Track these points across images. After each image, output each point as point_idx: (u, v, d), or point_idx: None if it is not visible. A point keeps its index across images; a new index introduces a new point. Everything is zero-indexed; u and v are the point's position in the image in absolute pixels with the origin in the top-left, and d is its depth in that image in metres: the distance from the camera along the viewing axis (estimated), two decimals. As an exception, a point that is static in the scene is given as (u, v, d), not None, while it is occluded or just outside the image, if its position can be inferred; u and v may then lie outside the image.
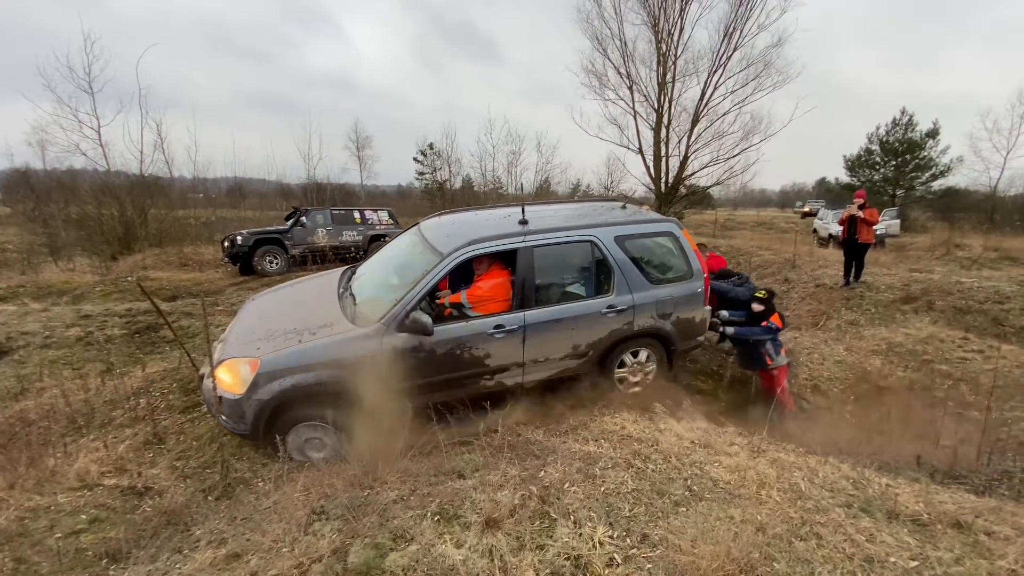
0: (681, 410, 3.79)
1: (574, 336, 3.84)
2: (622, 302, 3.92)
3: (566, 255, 3.95)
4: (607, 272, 3.94)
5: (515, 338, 3.65)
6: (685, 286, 4.17)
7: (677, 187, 16.96)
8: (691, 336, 4.32)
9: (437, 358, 3.46)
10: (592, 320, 3.85)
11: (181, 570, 2.20)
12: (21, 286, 10.13)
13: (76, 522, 2.80)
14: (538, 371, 3.84)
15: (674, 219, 4.40)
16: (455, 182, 32.52)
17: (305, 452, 3.37)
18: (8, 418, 4.11)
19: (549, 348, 3.80)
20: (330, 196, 27.67)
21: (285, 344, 3.30)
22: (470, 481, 2.52)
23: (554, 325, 3.75)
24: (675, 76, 16.23)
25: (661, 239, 4.22)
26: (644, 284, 4.02)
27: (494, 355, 3.62)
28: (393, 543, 2.06)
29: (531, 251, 3.73)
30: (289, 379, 3.16)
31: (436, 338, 3.41)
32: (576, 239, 3.91)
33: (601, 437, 3.11)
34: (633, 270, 3.99)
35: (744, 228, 24.58)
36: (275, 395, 3.15)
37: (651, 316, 4.04)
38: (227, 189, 30.46)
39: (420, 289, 3.44)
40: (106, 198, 14.78)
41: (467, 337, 3.54)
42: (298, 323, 3.55)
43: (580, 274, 4.01)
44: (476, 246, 3.65)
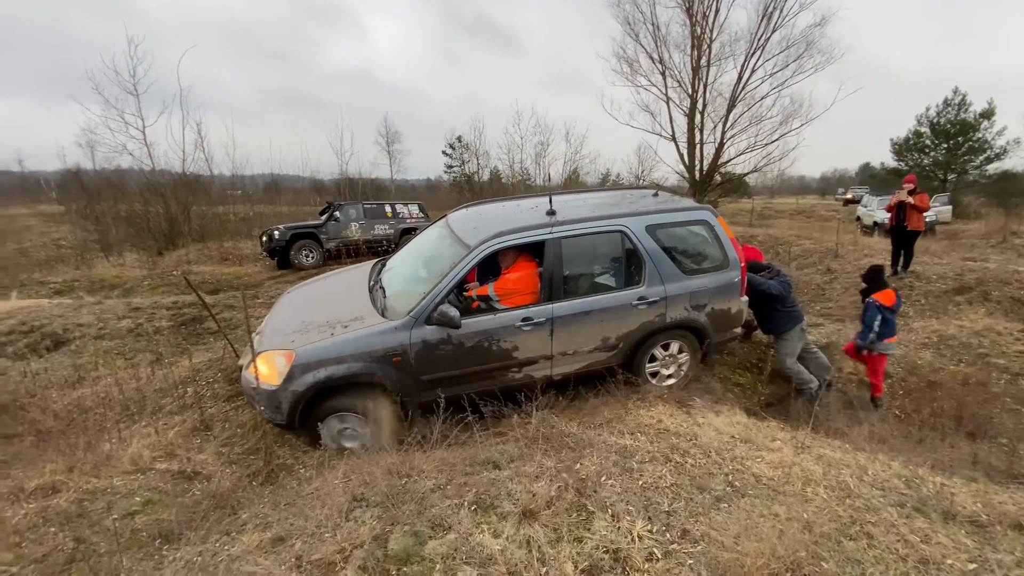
0: (719, 404, 3.69)
1: (604, 328, 3.77)
2: (654, 293, 3.82)
3: (595, 246, 3.88)
4: (638, 263, 3.85)
5: (543, 331, 3.62)
6: (721, 276, 4.03)
7: (712, 175, 16.50)
8: (727, 328, 4.19)
9: (465, 350, 3.48)
10: (622, 312, 3.77)
11: (230, 552, 2.28)
12: (76, 280, 10.72)
13: (131, 504, 2.94)
14: (567, 364, 3.79)
15: (709, 207, 4.25)
16: (483, 174, 32.58)
17: (339, 441, 3.45)
18: (67, 405, 4.36)
19: (578, 341, 3.74)
20: (361, 191, 28.17)
21: (319, 337, 3.38)
22: (506, 472, 2.52)
23: (583, 317, 3.69)
24: (710, 60, 15.73)
25: (695, 228, 4.08)
26: (677, 275, 3.90)
27: (522, 348, 3.62)
28: (432, 531, 2.08)
29: (559, 242, 3.67)
30: (323, 371, 3.24)
31: (464, 331, 3.42)
32: (605, 229, 3.82)
33: (637, 430, 3.06)
34: (665, 260, 3.87)
35: (782, 217, 23.72)
36: (309, 386, 3.23)
37: (684, 308, 3.92)
38: (263, 185, 31.39)
39: (448, 282, 3.46)
40: (152, 196, 15.47)
41: (495, 330, 3.54)
42: (331, 316, 3.62)
43: (610, 265, 3.93)
44: (503, 238, 3.62)
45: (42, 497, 2.93)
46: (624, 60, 16.67)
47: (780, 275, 4.51)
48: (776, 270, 4.59)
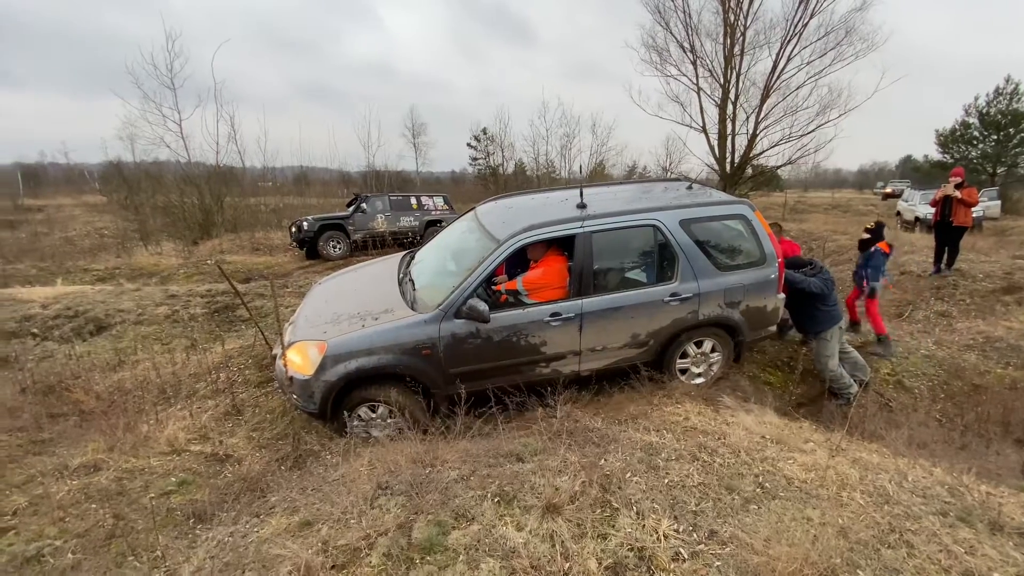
0: (749, 403, 3.60)
1: (634, 325, 3.71)
2: (687, 290, 3.73)
3: (627, 240, 3.80)
4: (671, 258, 3.75)
5: (572, 326, 3.58)
6: (757, 272, 3.90)
7: (744, 167, 16.00)
8: (761, 326, 4.06)
9: (493, 344, 3.48)
10: (654, 308, 3.70)
11: (259, 533, 2.34)
12: (117, 268, 11.17)
13: (166, 484, 3.05)
14: (596, 360, 3.75)
15: (747, 200, 4.12)
16: (508, 167, 32.50)
17: (368, 431, 3.51)
18: (108, 387, 4.55)
19: (607, 337, 3.69)
20: (388, 183, 28.48)
21: (350, 328, 3.43)
22: (529, 465, 2.51)
23: (613, 313, 3.64)
24: (743, 48, 15.19)
25: (731, 222, 3.96)
26: (711, 271, 3.80)
27: (550, 343, 3.59)
28: (455, 522, 2.09)
29: (589, 237, 3.61)
30: (354, 362, 3.29)
31: (492, 325, 3.41)
32: (638, 223, 3.74)
33: (663, 427, 3.00)
34: (699, 256, 3.77)
35: (816, 211, 22.92)
36: (340, 377, 3.29)
37: (718, 305, 3.82)
38: (293, 177, 32.03)
39: (477, 276, 3.45)
40: (187, 187, 15.96)
41: (523, 324, 3.52)
42: (362, 308, 3.67)
43: (642, 260, 3.84)
44: (532, 232, 3.58)
45: (84, 474, 3.07)
46: (654, 49, 16.27)
47: (822, 272, 4.32)
48: (819, 266, 4.40)
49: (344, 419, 3.38)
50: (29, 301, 6.80)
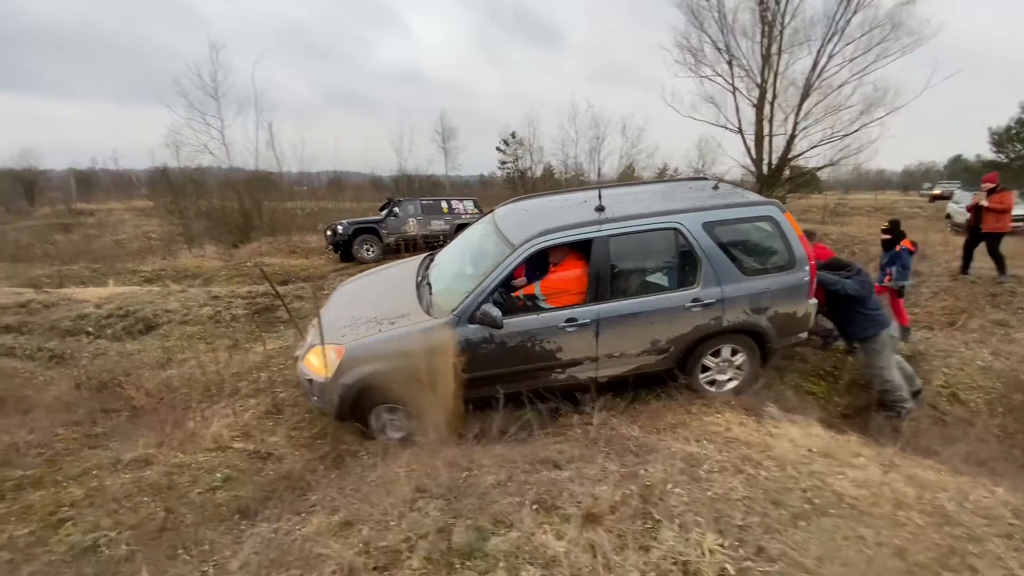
0: (792, 413, 3.47)
1: (653, 331, 3.59)
2: (709, 295, 3.58)
3: (646, 244, 3.69)
4: (693, 262, 3.61)
5: (588, 332, 3.51)
6: (786, 277, 3.71)
7: (782, 169, 15.53)
8: (791, 333, 3.88)
9: (508, 350, 3.45)
10: (674, 314, 3.58)
11: (302, 531, 2.39)
12: (163, 269, 11.68)
13: (212, 479, 3.15)
14: (613, 366, 3.67)
15: (775, 201, 3.93)
16: (536, 170, 32.48)
17: (385, 432, 3.56)
18: (157, 384, 4.74)
19: (625, 343, 3.60)
20: (418, 187, 28.88)
21: (367, 332, 3.49)
22: (566, 472, 2.49)
23: (631, 319, 3.54)
24: (782, 47, 14.76)
25: (759, 224, 3.77)
26: (736, 275, 3.63)
27: (566, 349, 3.53)
28: (494, 528, 2.08)
29: (607, 241, 3.52)
30: (369, 366, 3.35)
31: (507, 330, 3.39)
32: (658, 227, 3.61)
33: (703, 437, 2.93)
34: (723, 260, 3.61)
35: (858, 213, 22.06)
36: (357, 380, 3.36)
37: (743, 311, 3.65)
38: (327, 182, 32.86)
39: (491, 282, 3.43)
40: (228, 192, 16.59)
41: (538, 330, 3.47)
42: (379, 312, 3.70)
43: (662, 264, 3.72)
44: (547, 237, 3.52)
45: (136, 468, 3.20)
46: (687, 50, 15.98)
47: (859, 274, 4.13)
48: (856, 268, 4.22)
49: (363, 420, 3.48)
50: (84, 301, 7.18)
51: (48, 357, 5.75)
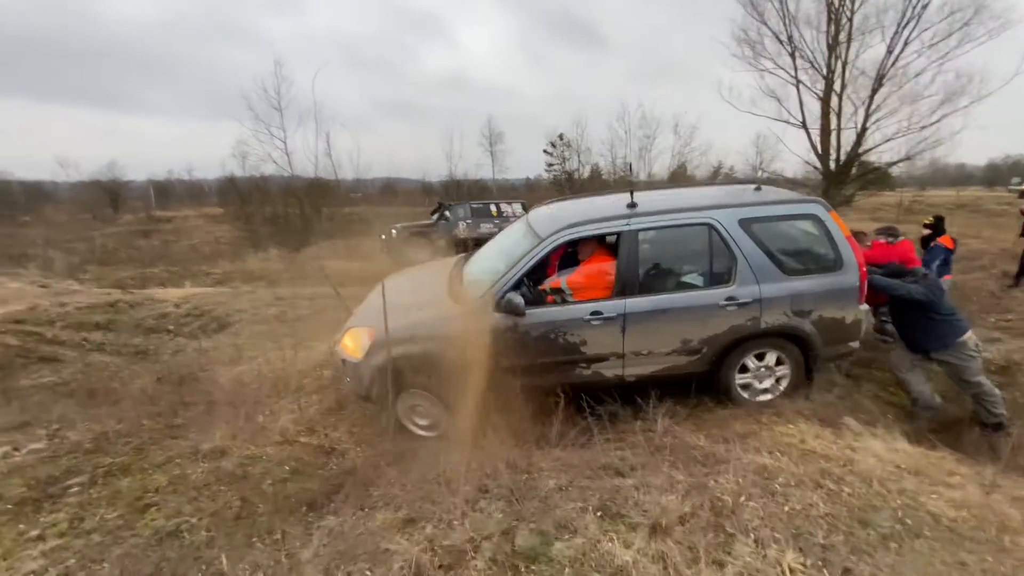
0: (873, 426, 3.22)
1: (684, 329, 3.46)
2: (746, 294, 3.41)
3: (679, 240, 3.58)
4: (729, 259, 3.46)
5: (614, 327, 3.43)
6: (831, 279, 3.47)
7: (851, 164, 14.55)
8: (840, 340, 3.59)
9: (531, 340, 3.42)
10: (707, 313, 3.43)
11: (367, 526, 2.45)
12: (232, 272, 12.44)
13: (282, 472, 3.28)
14: (641, 365, 3.55)
15: (819, 199, 3.66)
16: (584, 171, 32.18)
17: (411, 418, 3.67)
18: (229, 380, 5.03)
19: (653, 341, 3.49)
20: (467, 191, 29.31)
21: (398, 318, 3.52)
22: (630, 480, 2.41)
23: (659, 315, 3.43)
24: (850, 34, 13.84)
25: (801, 223, 3.59)
26: (776, 274, 3.44)
27: (591, 343, 3.46)
28: (557, 533, 2.05)
29: (635, 235, 3.46)
30: (398, 348, 3.40)
31: (531, 320, 3.38)
32: (691, 222, 3.50)
33: (776, 449, 2.77)
34: (761, 258, 3.44)
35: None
36: (400, 358, 3.41)
37: (784, 313, 3.45)
38: (380, 188, 33.97)
39: (517, 271, 3.45)
40: (290, 199, 17.46)
41: (562, 321, 3.43)
42: (413, 300, 3.79)
43: (695, 261, 3.57)
44: (574, 229, 3.50)
45: (213, 459, 3.39)
46: (745, 43, 15.28)
47: (927, 278, 3.74)
48: (920, 274, 3.82)
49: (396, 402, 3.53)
50: (164, 301, 7.75)
51: (133, 353, 6.24)
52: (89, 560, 2.37)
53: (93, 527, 2.65)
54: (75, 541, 2.53)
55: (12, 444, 3.51)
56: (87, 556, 2.41)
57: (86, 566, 2.34)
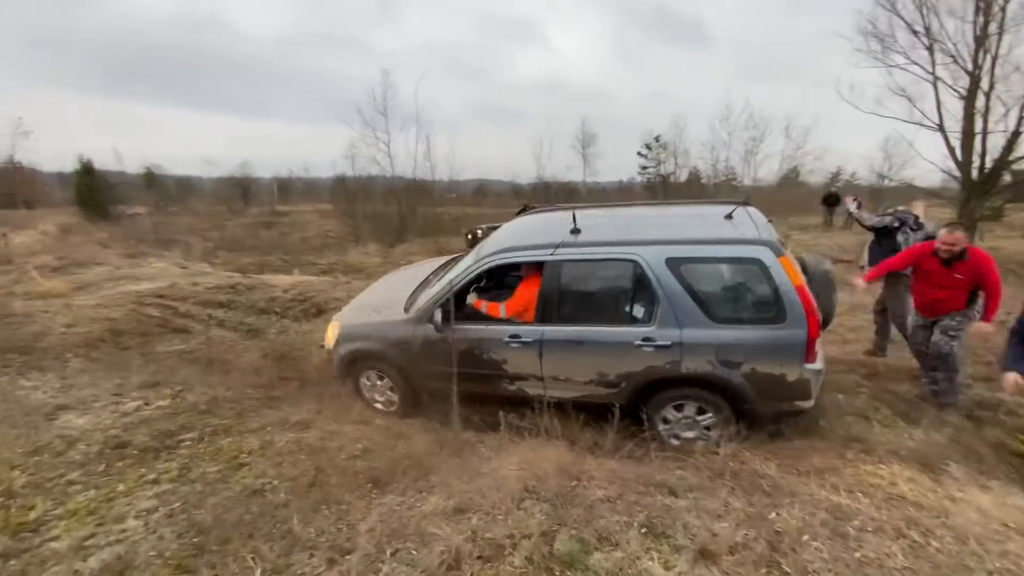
0: (987, 476, 2.79)
1: (600, 363, 3.45)
2: (664, 337, 3.25)
3: (601, 273, 3.57)
4: (650, 299, 3.32)
5: (531, 351, 3.57)
6: (771, 332, 3.12)
7: (998, 173, 12.52)
8: (782, 398, 3.23)
9: (460, 353, 3.71)
10: (623, 350, 3.36)
11: (421, 509, 2.59)
12: (335, 263, 13.59)
13: (354, 449, 3.55)
14: (561, 389, 3.64)
15: (769, 243, 3.18)
16: (680, 174, 30.83)
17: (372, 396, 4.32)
18: (322, 361, 5.52)
19: (570, 369, 3.55)
20: (555, 194, 29.39)
21: (360, 318, 4.36)
22: (683, 501, 2.32)
23: (575, 346, 3.49)
24: (1003, 24, 11.94)
25: (742, 266, 3.26)
26: (701, 320, 3.22)
27: (511, 363, 3.68)
28: (597, 543, 2.03)
29: (559, 265, 3.51)
30: (355, 343, 4.16)
31: (457, 335, 3.70)
32: (616, 257, 3.43)
33: (857, 489, 2.50)
34: (686, 300, 3.23)
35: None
36: (348, 352, 4.18)
37: (708, 361, 3.22)
38: (472, 189, 35.19)
39: (447, 290, 3.76)
40: (390, 198, 18.73)
41: (483, 340, 3.72)
42: (382, 302, 4.44)
43: (617, 296, 3.51)
44: (503, 255, 3.73)
45: (299, 430, 3.75)
46: (873, 37, 13.71)
47: None
48: None
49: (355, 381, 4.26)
50: (275, 286, 8.67)
51: (246, 330, 7.06)
52: (191, 505, 2.76)
53: (197, 477, 3.07)
54: (182, 487, 2.95)
55: (144, 399, 4.15)
56: (189, 502, 2.79)
57: (187, 510, 2.72)
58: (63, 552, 2.44)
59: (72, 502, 2.84)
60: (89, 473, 3.12)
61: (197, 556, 2.34)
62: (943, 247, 3.63)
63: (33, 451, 3.33)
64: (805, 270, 3.55)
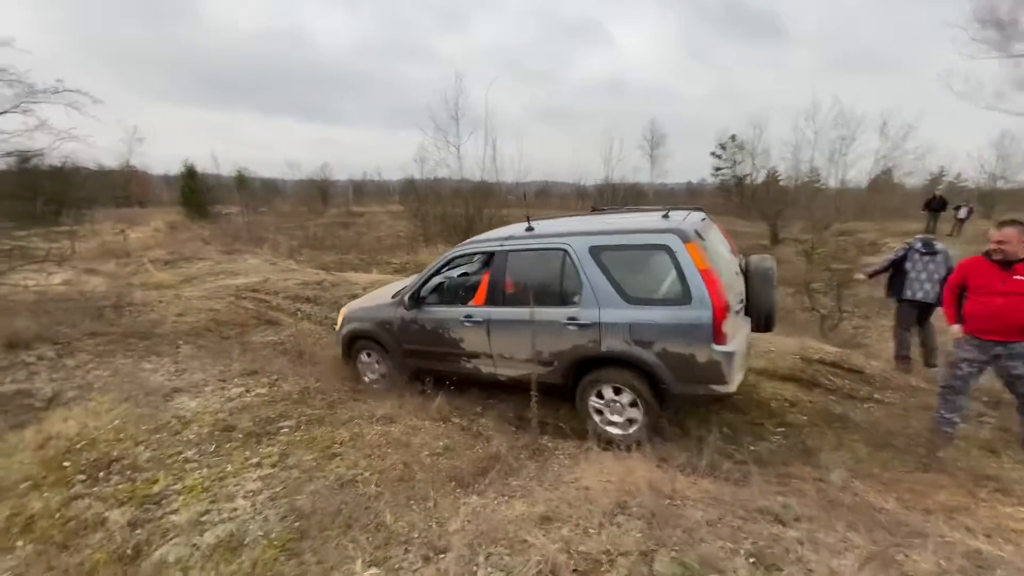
0: None
1: (537, 342, 3.85)
2: (587, 316, 3.71)
3: (539, 262, 4.05)
4: (577, 283, 3.80)
5: (481, 330, 4.14)
6: (676, 312, 3.41)
7: None
8: (696, 380, 3.41)
9: (427, 332, 4.41)
10: (554, 329, 3.82)
11: (505, 513, 2.58)
12: (407, 262, 14.08)
13: (436, 446, 3.63)
14: (507, 367, 4.16)
15: (677, 230, 3.47)
16: (757, 176, 29.12)
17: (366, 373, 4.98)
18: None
19: (512, 347, 4.05)
20: (622, 196, 28.76)
21: (361, 303, 5.12)
22: (792, 531, 2.15)
23: (515, 325, 3.95)
24: None
25: (651, 253, 3.59)
26: (616, 301, 3.62)
27: (466, 341, 4.25)
28: (701, 569, 1.92)
29: (505, 255, 4.14)
30: (354, 324, 4.89)
31: (426, 316, 4.41)
32: (549, 247, 3.98)
33: (998, 534, 2.20)
34: (605, 284, 3.67)
35: None
36: (348, 332, 4.93)
37: (623, 340, 3.58)
38: (535, 191, 35.23)
39: (421, 278, 4.56)
40: (457, 200, 19.12)
41: (446, 320, 4.33)
42: (384, 292, 5.20)
43: (551, 281, 3.97)
44: (462, 247, 4.53)
45: (384, 423, 3.88)
46: (991, 24, 12.33)
47: None
48: None
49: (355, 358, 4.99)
50: (355, 283, 9.11)
51: (331, 325, 7.45)
52: (291, 490, 2.92)
53: (295, 464, 3.26)
54: (281, 473, 3.14)
55: (245, 387, 4.48)
56: (289, 487, 2.96)
57: (288, 495, 2.88)
58: (182, 525, 2.67)
59: (189, 478, 3.10)
60: (202, 452, 3.40)
61: (300, 540, 2.47)
62: (994, 247, 3.31)
63: (155, 429, 3.68)
64: (747, 268, 4.00)
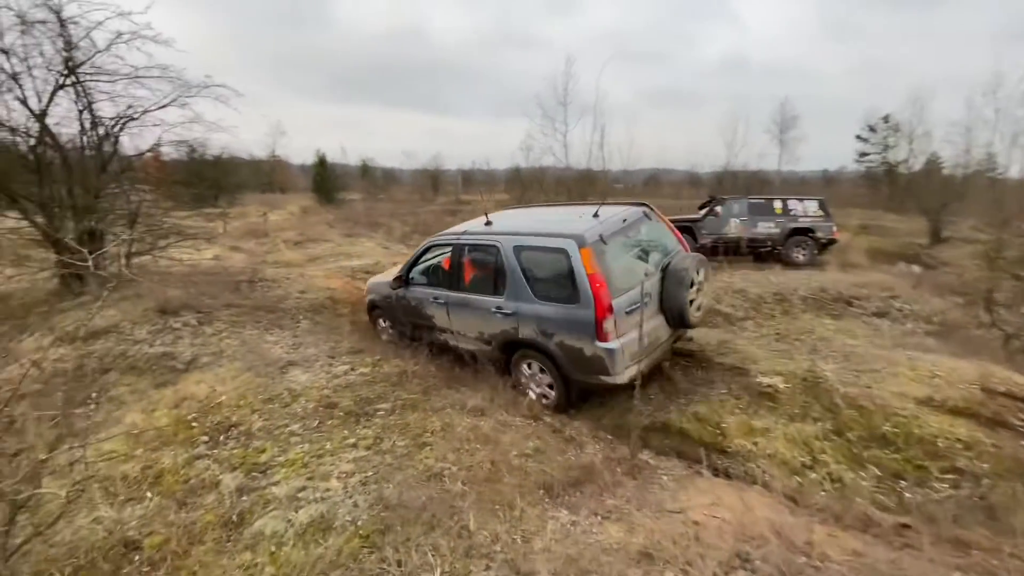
0: None
1: (478, 323, 4.51)
2: (509, 307, 4.22)
3: (481, 255, 4.55)
4: (503, 276, 4.28)
5: (443, 309, 4.79)
6: (569, 310, 3.86)
7: None
8: (587, 371, 3.88)
9: (412, 307, 5.18)
10: (488, 314, 4.36)
11: (598, 537, 2.32)
12: (508, 250, 14.10)
13: (526, 447, 3.43)
14: (464, 342, 4.76)
15: (576, 236, 3.88)
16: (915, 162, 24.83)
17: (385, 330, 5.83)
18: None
19: (464, 325, 4.69)
20: (743, 184, 26.26)
21: (379, 279, 5.94)
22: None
23: (464, 308, 4.62)
24: None
25: (554, 255, 3.99)
26: (528, 296, 4.13)
27: (436, 317, 4.93)
28: (850, 661, 1.50)
29: (461, 248, 4.72)
30: (372, 295, 5.88)
31: (411, 293, 5.16)
32: (487, 243, 4.47)
33: None
34: (522, 280, 4.17)
35: None
36: (369, 301, 5.96)
37: (533, 329, 4.10)
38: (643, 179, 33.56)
39: (407, 263, 5.25)
40: (560, 188, 18.79)
41: (423, 297, 5.03)
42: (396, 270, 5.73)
43: (489, 273, 4.45)
44: (432, 239, 5.15)
45: (474, 416, 3.78)
46: None
47: None
48: None
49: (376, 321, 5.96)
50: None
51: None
52: (381, 477, 2.92)
53: (388, 448, 3.27)
54: (375, 457, 3.16)
55: (351, 365, 4.67)
56: (380, 473, 2.96)
57: (378, 481, 2.88)
58: (281, 499, 2.77)
59: (292, 452, 3.25)
60: (306, 427, 3.56)
61: (384, 533, 2.42)
62: None
63: (268, 399, 3.94)
64: (666, 268, 4.15)
